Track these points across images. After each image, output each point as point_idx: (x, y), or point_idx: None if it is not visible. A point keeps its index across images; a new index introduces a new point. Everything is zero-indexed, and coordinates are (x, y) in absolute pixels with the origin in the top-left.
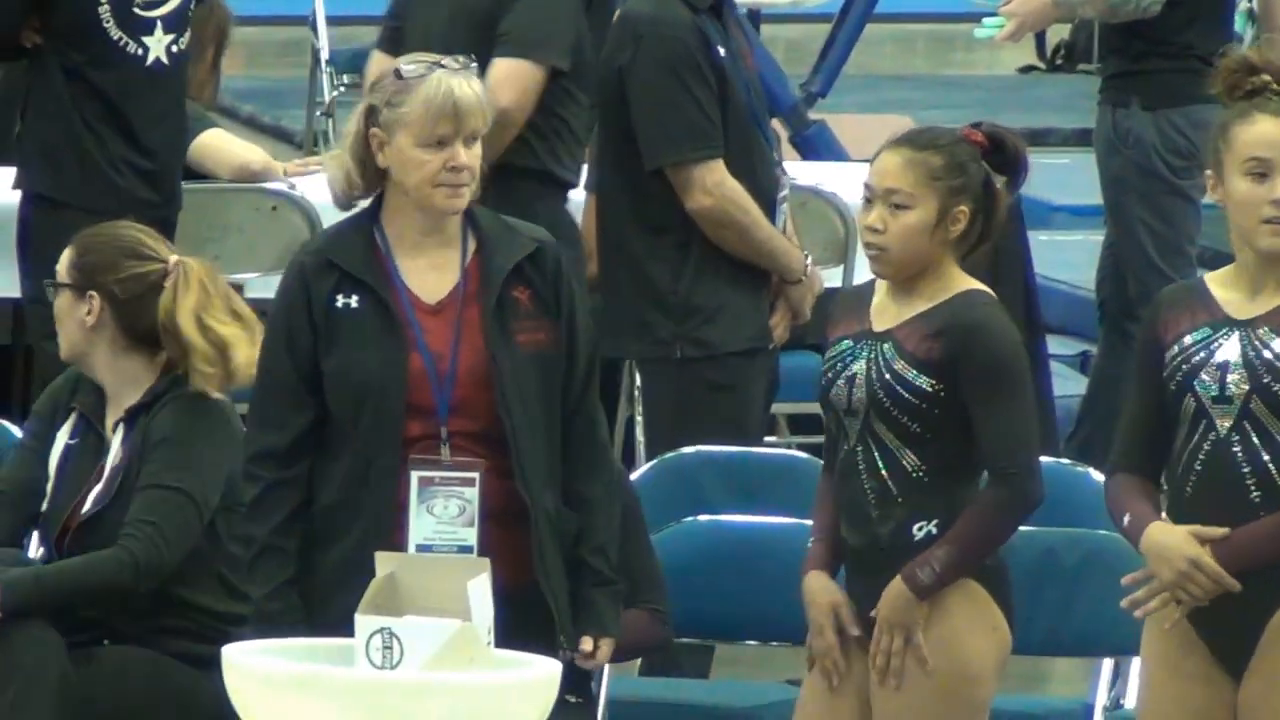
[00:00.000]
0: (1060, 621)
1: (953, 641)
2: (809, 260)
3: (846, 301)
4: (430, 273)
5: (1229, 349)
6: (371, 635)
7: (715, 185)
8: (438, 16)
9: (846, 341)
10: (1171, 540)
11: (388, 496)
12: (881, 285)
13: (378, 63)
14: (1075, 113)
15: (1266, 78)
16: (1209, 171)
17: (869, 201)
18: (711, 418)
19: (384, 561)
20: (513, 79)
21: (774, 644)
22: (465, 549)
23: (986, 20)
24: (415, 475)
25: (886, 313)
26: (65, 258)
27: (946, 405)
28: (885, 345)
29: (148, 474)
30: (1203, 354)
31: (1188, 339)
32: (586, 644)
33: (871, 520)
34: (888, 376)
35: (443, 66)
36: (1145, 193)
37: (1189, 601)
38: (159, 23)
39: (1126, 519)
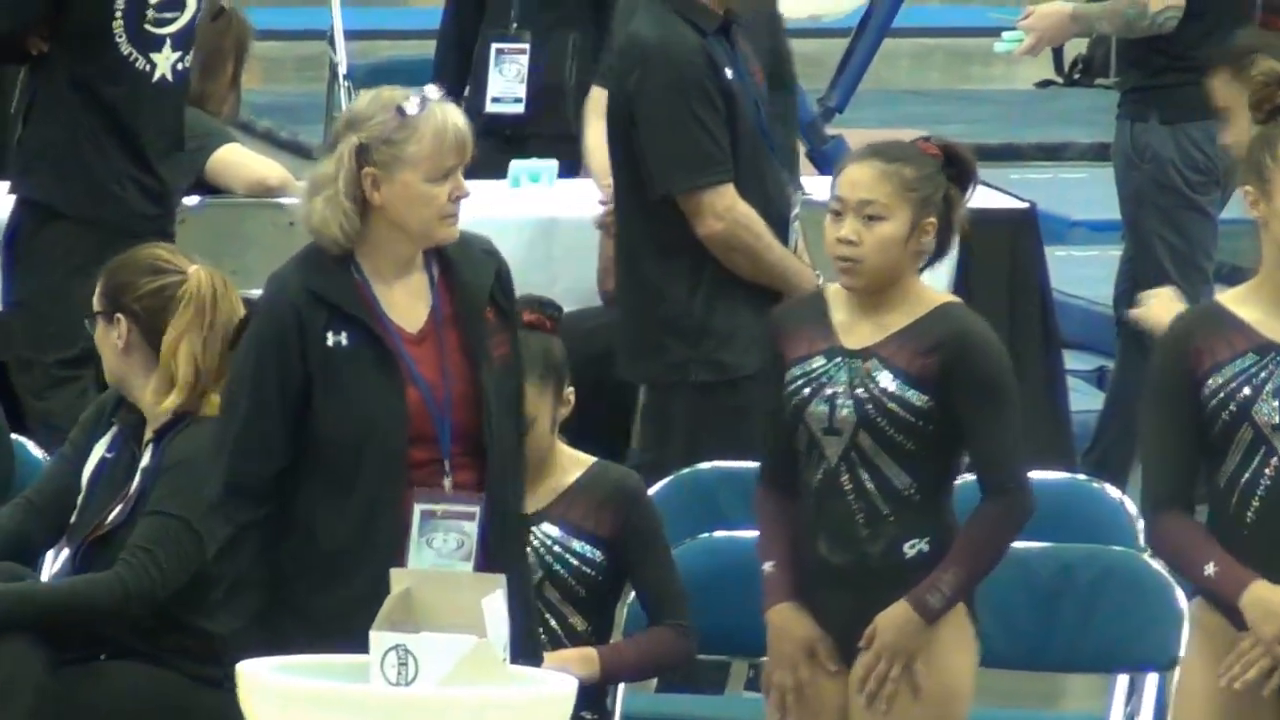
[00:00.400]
0: (1077, 637)
1: (940, 661)
2: (820, 278)
3: (795, 317)
4: (406, 301)
5: None
6: (387, 652)
7: (726, 210)
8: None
9: (818, 359)
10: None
11: (395, 531)
12: (837, 300)
13: (596, 97)
14: (1093, 127)
15: None
16: (1247, 186)
17: (838, 215)
18: (728, 441)
19: (399, 579)
20: None
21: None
22: None
23: (1005, 35)
24: (418, 508)
25: (857, 329)
26: (97, 289)
27: (939, 421)
28: (870, 362)
29: (154, 499)
30: (1254, 381)
31: (1231, 367)
32: None
33: (860, 540)
34: (878, 394)
35: (431, 98)
36: (1163, 208)
37: None
38: (168, 40)
39: (1213, 569)
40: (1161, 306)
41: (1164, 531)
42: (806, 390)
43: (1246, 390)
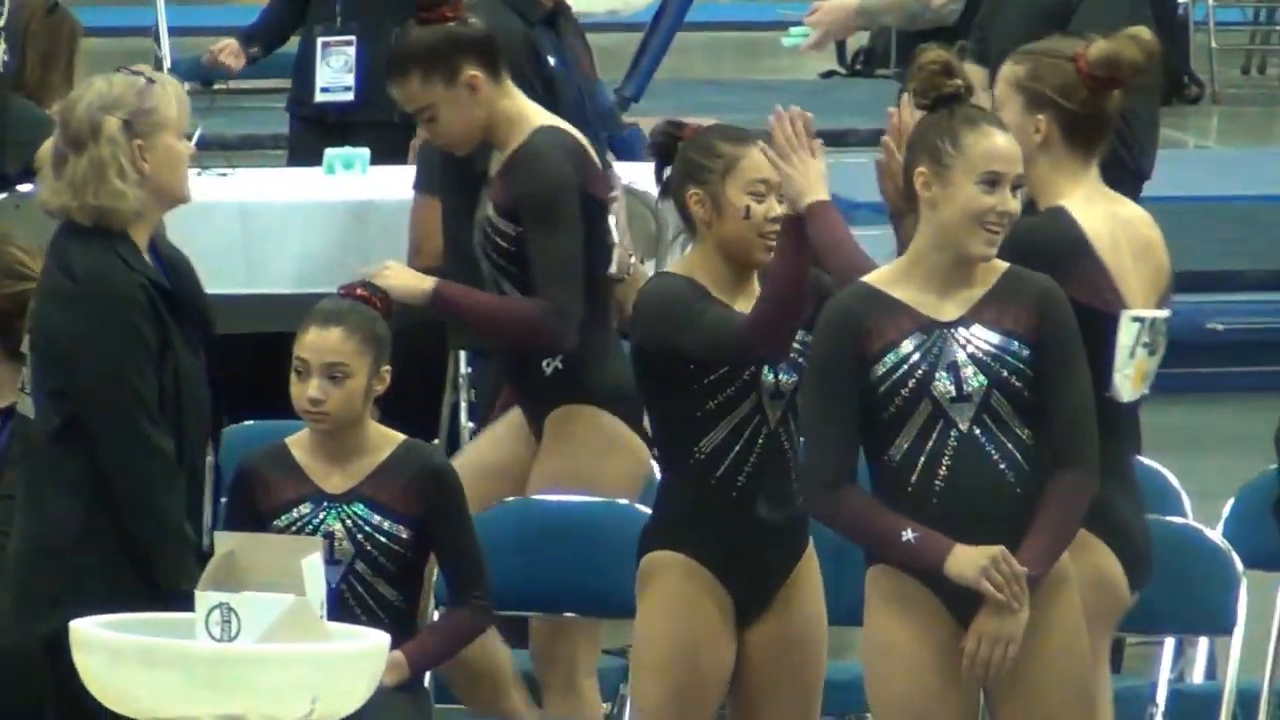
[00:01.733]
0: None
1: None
2: (633, 259)
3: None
4: None
5: (953, 350)
6: (211, 610)
7: None
8: (1012, 19)
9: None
10: (975, 554)
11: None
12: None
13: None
14: (875, 115)
15: (959, 83)
16: (920, 168)
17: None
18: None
19: (223, 541)
20: None
21: (592, 616)
22: None
23: (793, 29)
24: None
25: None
26: None
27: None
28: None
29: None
30: (928, 358)
31: (902, 347)
32: None
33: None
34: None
35: (145, 70)
36: None
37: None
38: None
39: (911, 534)
40: None
41: (845, 505)
42: (925, 366)
43: (922, 369)
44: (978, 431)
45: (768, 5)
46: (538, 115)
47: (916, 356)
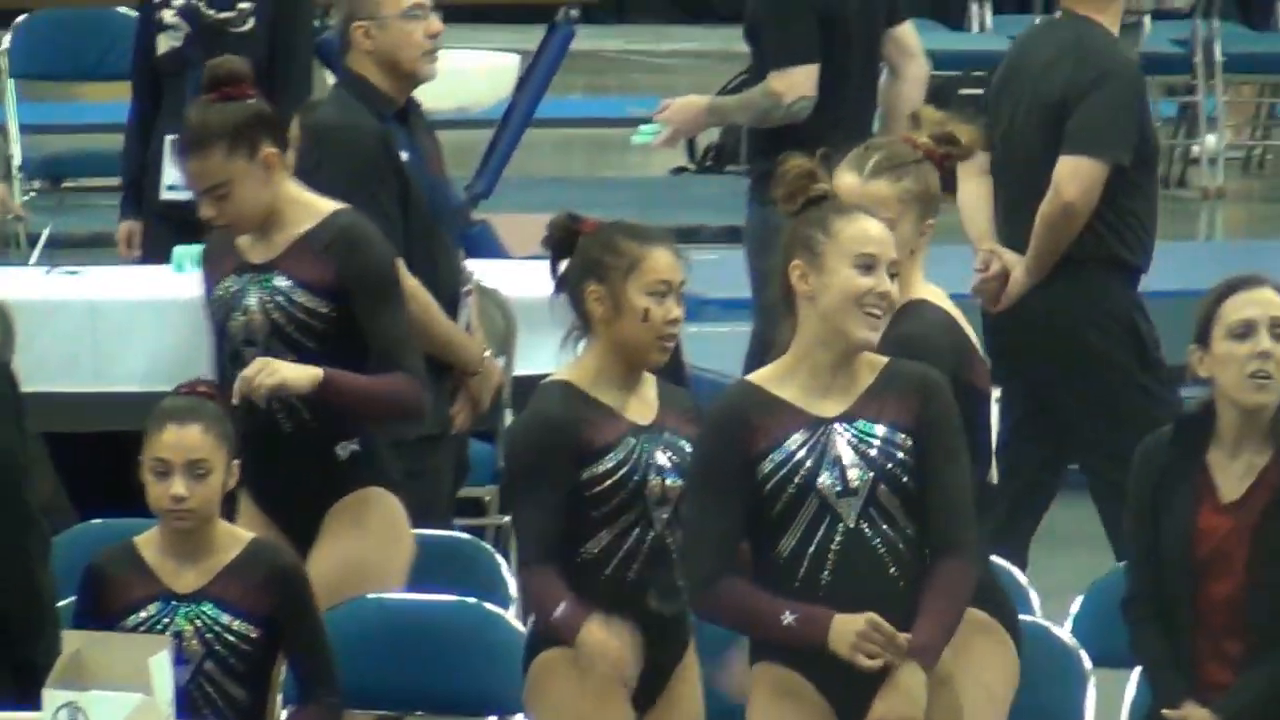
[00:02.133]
0: None
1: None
2: (488, 353)
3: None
4: None
5: (837, 445)
6: (59, 709)
7: None
8: (1020, 111)
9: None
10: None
11: None
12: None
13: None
14: (724, 211)
15: (826, 187)
16: (795, 261)
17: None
18: (402, 502)
19: (70, 640)
20: (1077, 175)
21: (442, 715)
22: None
23: (643, 127)
24: None
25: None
26: None
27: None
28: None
29: None
30: (813, 455)
31: (787, 445)
32: None
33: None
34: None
35: None
36: None
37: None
38: None
39: (790, 617)
40: None
41: (725, 596)
42: (810, 462)
43: (807, 465)
44: (864, 526)
45: (617, 102)
46: (325, 200)
47: (802, 453)
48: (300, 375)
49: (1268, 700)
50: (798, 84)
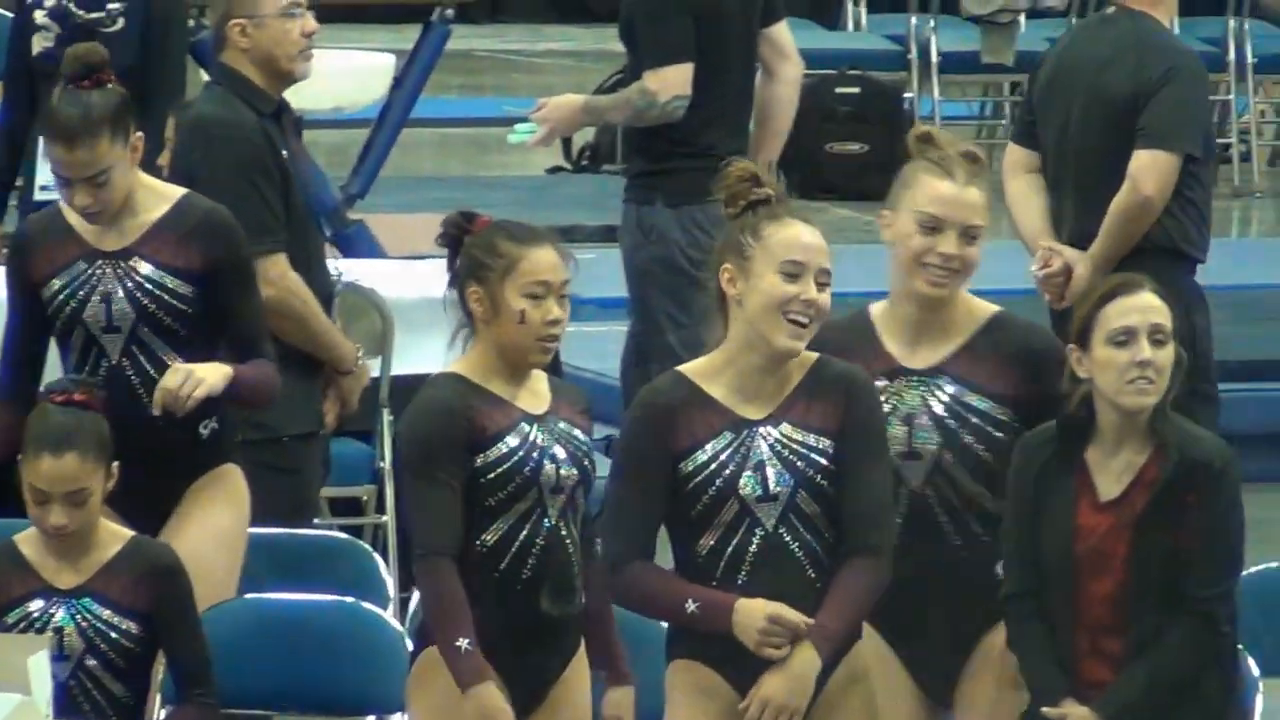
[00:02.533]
0: None
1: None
2: (360, 353)
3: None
4: None
5: (760, 450)
6: None
7: (278, 277)
8: (1075, 108)
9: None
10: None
11: None
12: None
13: (1012, 154)
14: (600, 210)
15: (769, 191)
16: (725, 265)
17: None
18: (273, 500)
19: None
20: (1155, 169)
21: (321, 715)
22: None
23: (519, 126)
24: None
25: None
26: None
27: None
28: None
29: None
30: (735, 458)
31: (711, 446)
32: None
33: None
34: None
35: None
36: (668, 286)
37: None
38: None
39: (694, 605)
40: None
41: (633, 581)
42: (733, 465)
43: (730, 468)
44: (783, 531)
45: (494, 102)
46: (167, 185)
47: (724, 456)
48: (218, 377)
49: (1146, 698)
50: (672, 83)
